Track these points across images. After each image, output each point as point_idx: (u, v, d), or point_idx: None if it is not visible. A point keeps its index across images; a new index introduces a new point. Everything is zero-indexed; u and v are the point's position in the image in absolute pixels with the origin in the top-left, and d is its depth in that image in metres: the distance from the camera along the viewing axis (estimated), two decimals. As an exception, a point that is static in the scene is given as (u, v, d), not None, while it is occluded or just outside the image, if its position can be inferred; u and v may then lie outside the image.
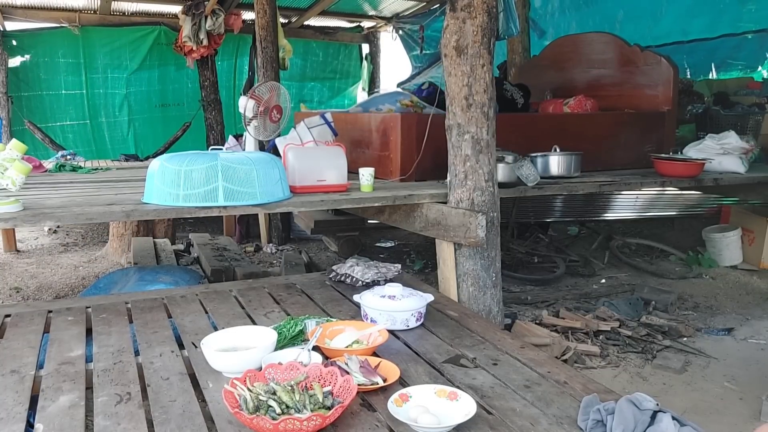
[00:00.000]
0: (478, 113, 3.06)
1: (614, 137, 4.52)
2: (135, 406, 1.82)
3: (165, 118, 8.47)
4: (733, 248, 4.90)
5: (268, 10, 6.25)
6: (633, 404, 1.67)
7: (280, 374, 1.82)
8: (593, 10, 6.93)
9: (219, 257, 5.13)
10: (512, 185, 3.54)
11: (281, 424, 1.56)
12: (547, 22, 7.27)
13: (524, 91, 4.86)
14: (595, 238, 6.05)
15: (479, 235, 2.96)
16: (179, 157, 2.89)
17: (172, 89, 8.68)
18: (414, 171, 3.71)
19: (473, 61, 3.02)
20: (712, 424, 2.89)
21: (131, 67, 8.28)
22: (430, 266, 5.38)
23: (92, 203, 2.95)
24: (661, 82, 4.77)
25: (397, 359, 2.11)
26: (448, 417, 1.69)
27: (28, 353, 2.23)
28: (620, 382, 3.34)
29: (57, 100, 8.07)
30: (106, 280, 4.27)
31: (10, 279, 5.26)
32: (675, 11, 6.21)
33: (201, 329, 2.46)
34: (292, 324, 2.36)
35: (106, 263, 5.77)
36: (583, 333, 3.86)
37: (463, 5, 2.99)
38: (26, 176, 2.67)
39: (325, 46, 9.70)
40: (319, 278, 3.30)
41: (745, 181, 4.35)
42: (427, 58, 8.75)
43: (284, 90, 3.72)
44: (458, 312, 2.73)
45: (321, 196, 3.17)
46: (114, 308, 2.75)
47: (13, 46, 7.74)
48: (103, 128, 8.31)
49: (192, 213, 2.81)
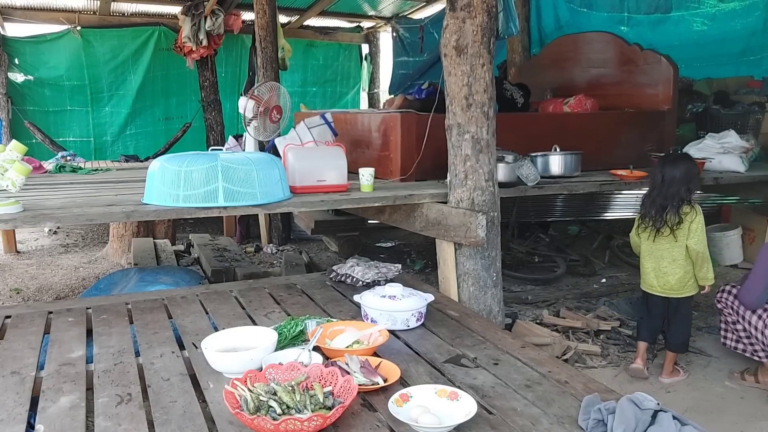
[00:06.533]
0: (478, 113, 3.06)
1: (614, 136, 4.52)
2: (136, 407, 1.81)
3: (168, 132, 8.46)
4: (733, 247, 4.89)
5: (267, 10, 6.25)
6: (634, 404, 1.67)
7: (280, 374, 1.82)
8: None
9: (219, 258, 5.13)
10: (512, 185, 3.54)
11: (282, 425, 1.55)
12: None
13: (524, 91, 4.86)
14: (596, 238, 6.05)
15: (479, 235, 2.96)
16: (179, 157, 2.89)
17: (176, 102, 8.70)
18: (414, 171, 3.71)
19: (473, 61, 3.02)
20: (713, 423, 2.89)
21: (135, 81, 8.28)
22: (431, 266, 5.38)
23: (92, 204, 2.94)
24: (661, 81, 4.76)
25: (397, 359, 2.10)
26: (449, 417, 1.69)
27: (28, 354, 2.23)
28: (621, 381, 3.34)
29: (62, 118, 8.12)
30: (106, 281, 4.27)
31: (10, 280, 5.26)
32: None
33: (201, 330, 2.46)
34: (293, 324, 2.36)
35: (106, 264, 5.77)
36: (584, 332, 3.87)
37: (462, 5, 2.99)
38: (26, 177, 2.67)
39: (325, 49, 9.68)
40: (320, 278, 3.30)
41: (745, 180, 4.35)
42: (412, 64, 8.77)
43: (284, 90, 3.71)
44: (459, 312, 2.73)
45: (321, 197, 3.17)
46: (114, 309, 2.75)
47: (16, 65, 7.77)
48: (107, 145, 8.35)
49: (192, 214, 2.81)
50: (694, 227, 3.21)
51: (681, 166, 3.27)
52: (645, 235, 3.36)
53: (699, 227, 3.23)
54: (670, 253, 3.28)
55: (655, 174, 3.34)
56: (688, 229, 3.22)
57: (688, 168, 3.28)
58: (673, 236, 3.23)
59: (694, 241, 3.22)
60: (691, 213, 3.22)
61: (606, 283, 4.98)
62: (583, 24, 6.19)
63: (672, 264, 3.29)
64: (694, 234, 3.22)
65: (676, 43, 5.37)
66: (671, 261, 3.29)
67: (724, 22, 5.16)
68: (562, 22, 6.55)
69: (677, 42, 5.38)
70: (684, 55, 5.18)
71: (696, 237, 3.22)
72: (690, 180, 3.25)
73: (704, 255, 3.25)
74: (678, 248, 3.26)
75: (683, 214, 3.22)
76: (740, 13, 5.04)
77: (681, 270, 3.27)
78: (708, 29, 5.30)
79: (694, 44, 5.37)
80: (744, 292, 3.17)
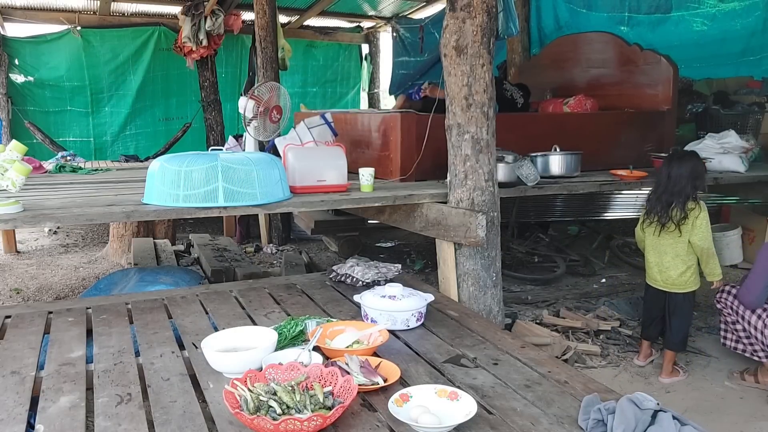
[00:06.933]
0: (478, 113, 3.06)
1: (614, 137, 4.52)
2: (135, 407, 1.81)
3: (168, 132, 8.46)
4: (733, 247, 4.88)
5: (267, 10, 6.25)
6: (634, 404, 1.67)
7: (280, 374, 1.82)
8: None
9: (219, 258, 5.13)
10: (512, 185, 3.54)
11: (282, 425, 1.55)
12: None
13: (524, 91, 4.86)
14: (596, 238, 6.05)
15: (479, 235, 2.96)
16: (179, 157, 2.89)
17: (176, 102, 8.70)
18: (414, 171, 3.71)
19: (473, 61, 3.02)
20: (713, 423, 2.89)
21: (135, 81, 8.28)
22: (430, 266, 5.38)
23: (92, 204, 2.94)
24: (661, 81, 4.77)
25: (397, 359, 2.10)
26: (449, 417, 1.69)
27: (28, 354, 2.23)
28: (621, 381, 3.34)
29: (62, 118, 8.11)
30: (106, 281, 4.27)
31: (10, 280, 5.26)
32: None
33: (201, 330, 2.46)
34: (293, 324, 2.36)
35: (106, 264, 5.77)
36: (584, 333, 3.87)
37: (462, 5, 2.99)
38: (26, 177, 2.67)
39: (325, 49, 9.68)
40: (320, 278, 3.30)
41: (745, 180, 4.35)
42: (413, 64, 8.76)
43: (284, 90, 3.71)
44: (458, 312, 2.73)
45: (321, 197, 3.17)
46: (114, 309, 2.75)
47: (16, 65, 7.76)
48: (107, 145, 8.35)
49: (192, 213, 2.81)
50: (698, 223, 3.24)
51: (688, 164, 3.31)
52: (650, 231, 3.41)
53: (704, 223, 3.26)
54: (673, 249, 3.32)
55: (661, 171, 3.38)
56: (692, 225, 3.25)
57: (695, 165, 3.32)
58: (678, 231, 3.27)
59: (698, 237, 3.24)
60: (696, 209, 3.26)
61: (606, 283, 4.98)
62: (583, 24, 6.19)
63: (675, 259, 3.32)
64: (699, 230, 3.24)
65: (676, 43, 5.37)
66: (674, 256, 3.32)
67: (724, 23, 5.16)
68: (562, 22, 6.55)
69: (677, 42, 5.38)
70: (684, 55, 5.19)
71: (700, 233, 3.24)
72: (696, 177, 3.29)
73: (709, 251, 3.28)
74: (681, 244, 3.29)
75: (688, 210, 3.25)
76: (740, 13, 5.04)
77: (683, 265, 3.31)
78: (708, 29, 5.30)
79: (694, 44, 5.37)
80: (744, 292, 3.18)
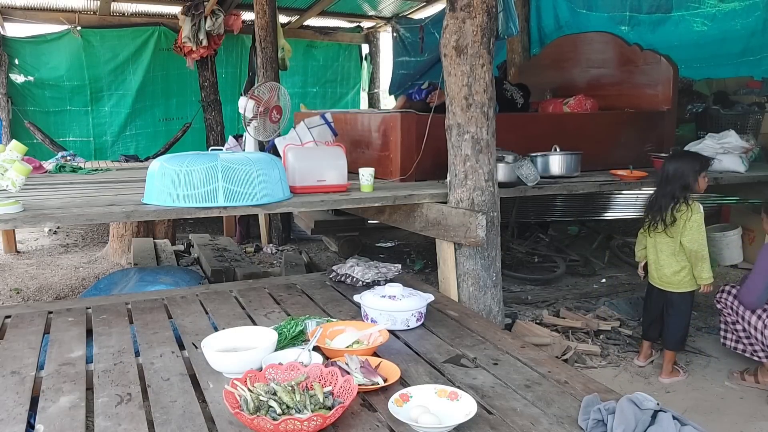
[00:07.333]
0: (478, 113, 3.06)
1: (614, 137, 4.52)
2: (135, 407, 1.81)
3: (168, 132, 8.46)
4: (733, 247, 4.89)
5: (267, 10, 6.25)
6: (634, 404, 1.67)
7: (280, 374, 1.82)
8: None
9: (219, 258, 5.13)
10: (512, 185, 3.54)
11: (282, 425, 1.55)
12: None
13: (524, 91, 4.86)
14: (596, 238, 6.04)
15: (479, 235, 2.96)
16: (179, 157, 2.89)
17: (176, 102, 8.69)
18: (414, 171, 3.71)
19: (473, 61, 3.02)
20: (712, 423, 2.89)
21: (135, 81, 8.27)
22: (430, 266, 5.38)
23: (92, 204, 2.94)
24: (661, 81, 4.77)
25: (397, 359, 2.10)
26: (449, 417, 1.69)
27: (28, 354, 2.23)
28: (621, 381, 3.34)
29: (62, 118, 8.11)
30: (106, 281, 4.27)
31: (10, 280, 5.26)
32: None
33: (201, 330, 2.46)
34: (293, 324, 2.36)
35: (106, 264, 5.77)
36: (584, 333, 3.87)
37: (462, 5, 2.99)
38: (26, 177, 2.67)
39: (325, 50, 9.68)
40: (320, 278, 3.30)
41: (745, 180, 4.35)
42: (413, 64, 8.76)
43: (284, 90, 3.71)
44: (458, 312, 2.73)
45: (321, 197, 3.17)
46: (114, 309, 2.75)
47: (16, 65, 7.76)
48: (107, 145, 8.35)
49: (192, 213, 2.81)
50: (689, 225, 3.21)
51: (677, 164, 3.30)
52: (648, 230, 3.41)
53: (694, 226, 3.21)
54: (669, 247, 3.33)
55: (659, 171, 3.39)
56: (683, 226, 3.22)
57: (684, 165, 3.28)
58: (670, 232, 3.26)
59: (687, 239, 3.22)
60: (686, 211, 3.22)
61: (606, 283, 4.98)
62: (583, 24, 6.19)
63: (670, 258, 3.32)
64: (689, 232, 3.21)
65: (676, 43, 5.37)
66: (669, 255, 3.33)
67: (724, 23, 5.15)
68: (562, 22, 6.55)
69: (677, 42, 5.38)
70: (684, 55, 5.19)
71: (690, 235, 3.21)
72: (684, 178, 3.25)
73: (699, 254, 3.23)
74: (675, 243, 3.29)
75: (678, 212, 3.22)
76: (740, 13, 5.04)
77: (678, 264, 3.30)
78: (708, 29, 5.30)
79: (694, 44, 5.37)
80: (744, 292, 3.18)
